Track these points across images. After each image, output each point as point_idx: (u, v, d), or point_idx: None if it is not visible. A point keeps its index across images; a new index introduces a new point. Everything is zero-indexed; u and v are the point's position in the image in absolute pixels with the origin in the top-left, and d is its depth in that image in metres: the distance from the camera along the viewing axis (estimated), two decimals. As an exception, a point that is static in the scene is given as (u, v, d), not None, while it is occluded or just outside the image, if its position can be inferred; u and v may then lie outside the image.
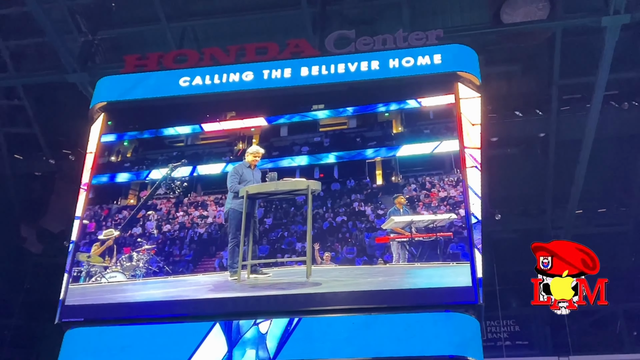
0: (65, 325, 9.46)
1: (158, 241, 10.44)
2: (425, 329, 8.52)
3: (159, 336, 9.08)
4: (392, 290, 9.07)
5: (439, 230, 9.63)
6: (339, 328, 8.80)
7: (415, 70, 10.83)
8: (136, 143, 11.74)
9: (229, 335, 8.91)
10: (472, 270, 8.77)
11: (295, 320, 8.88)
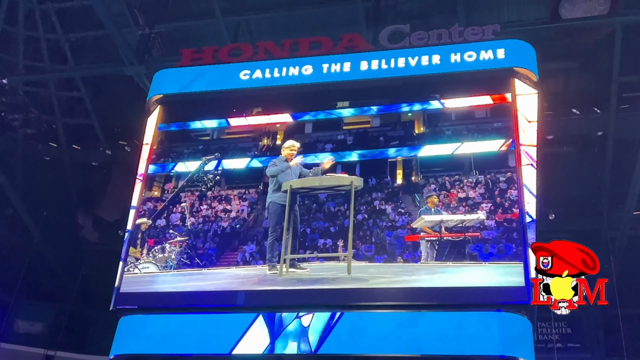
0: (119, 312, 9.70)
1: (182, 233, 10.57)
2: (475, 328, 8.42)
3: (206, 325, 9.24)
4: (442, 287, 8.99)
5: (467, 231, 9.54)
6: (382, 324, 8.78)
7: (470, 66, 10.68)
8: (162, 135, 11.83)
9: (271, 327, 9.00)
10: (526, 270, 8.63)
11: (338, 315, 8.90)
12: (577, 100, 16.90)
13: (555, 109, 16.43)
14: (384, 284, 9.18)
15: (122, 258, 10.23)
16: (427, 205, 9.98)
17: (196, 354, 9.10)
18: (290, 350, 8.79)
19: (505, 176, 9.76)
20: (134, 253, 10.30)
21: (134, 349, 9.35)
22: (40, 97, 19.23)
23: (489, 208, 9.55)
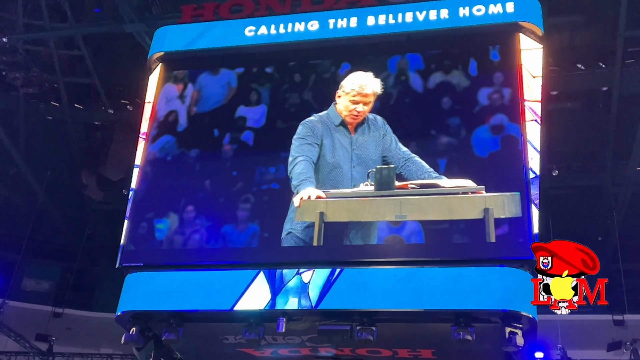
0: (125, 269, 9.79)
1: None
2: (476, 283, 8.47)
3: (209, 282, 9.33)
4: (442, 243, 9.03)
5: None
6: (382, 279, 8.83)
7: (479, 20, 10.51)
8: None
9: (272, 283, 9.09)
10: (529, 226, 8.65)
11: (337, 271, 8.96)
12: (582, 55, 16.71)
13: (560, 64, 16.26)
14: (380, 240, 9.22)
15: (127, 216, 10.29)
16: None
17: (199, 310, 9.22)
18: (291, 306, 8.89)
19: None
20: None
21: (140, 305, 9.47)
22: (40, 55, 19.09)
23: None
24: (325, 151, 9.51)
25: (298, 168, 9.22)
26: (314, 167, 9.38)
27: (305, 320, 9.17)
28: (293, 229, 9.36)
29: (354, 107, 9.49)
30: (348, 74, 10.05)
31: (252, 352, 10.36)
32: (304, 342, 9.89)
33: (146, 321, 9.56)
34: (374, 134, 9.64)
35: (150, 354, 9.74)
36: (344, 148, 9.51)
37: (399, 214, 9.13)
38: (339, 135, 9.52)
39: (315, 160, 9.37)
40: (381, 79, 10.03)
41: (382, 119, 9.89)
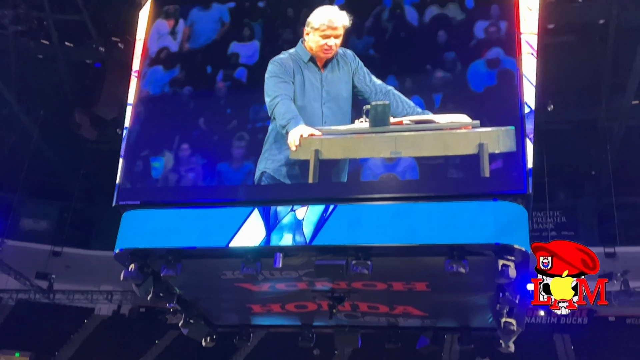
0: (122, 207, 9.85)
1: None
2: (470, 217, 8.55)
3: (204, 220, 9.39)
4: (436, 179, 9.08)
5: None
6: (376, 215, 8.88)
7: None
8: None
9: (266, 220, 9.15)
10: (523, 160, 8.68)
11: (331, 208, 9.01)
12: (580, -14, 16.46)
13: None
14: (373, 177, 9.26)
15: (122, 155, 10.28)
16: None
17: (196, 247, 9.33)
18: (286, 242, 8.99)
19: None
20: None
21: (138, 243, 9.56)
22: (28, -9, 18.71)
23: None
24: (296, 88, 9.37)
25: (281, 107, 9.11)
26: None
27: (301, 256, 9.30)
28: (267, 168, 9.36)
29: (325, 41, 9.26)
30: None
31: (250, 287, 10.54)
32: (301, 277, 10.05)
33: (144, 258, 9.68)
34: (344, 69, 9.51)
35: (149, 289, 9.90)
36: (313, 85, 9.37)
37: (394, 150, 9.13)
38: (308, 72, 9.37)
39: (292, 97, 9.29)
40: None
41: (352, 53, 9.72)
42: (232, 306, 12.12)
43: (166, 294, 10.59)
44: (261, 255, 9.17)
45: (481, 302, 10.58)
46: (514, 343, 10.74)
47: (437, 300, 10.73)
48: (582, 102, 19.57)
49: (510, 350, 10.63)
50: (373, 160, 9.27)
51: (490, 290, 9.83)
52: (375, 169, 9.31)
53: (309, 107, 9.41)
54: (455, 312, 11.56)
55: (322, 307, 11.20)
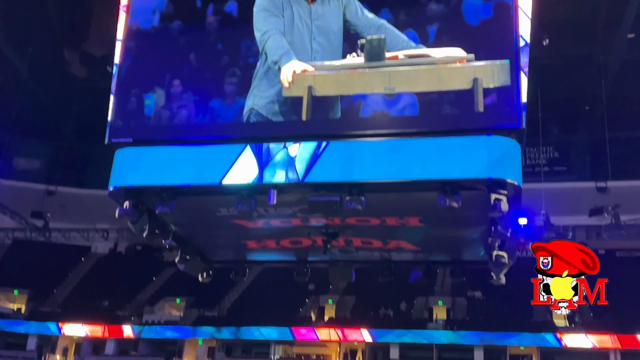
0: (114, 145, 9.80)
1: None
2: (463, 152, 8.54)
3: (197, 157, 9.38)
4: (431, 114, 9.02)
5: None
6: (369, 151, 8.90)
7: None
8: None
9: (259, 157, 9.15)
10: (517, 94, 8.62)
11: (324, 144, 9.00)
12: None
13: None
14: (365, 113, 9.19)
15: (113, 92, 10.17)
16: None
17: (189, 184, 9.34)
18: (278, 179, 9.02)
19: None
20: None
21: (131, 180, 9.56)
22: None
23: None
24: (285, 23, 9.26)
25: (272, 43, 9.03)
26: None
27: (295, 193, 9.33)
28: (255, 104, 9.31)
29: None
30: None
31: (245, 223, 10.61)
32: (295, 213, 10.11)
33: (139, 196, 9.69)
34: (335, 2, 9.36)
35: (144, 226, 9.94)
36: (303, 20, 9.26)
37: (388, 85, 9.05)
38: (297, 6, 9.23)
39: (283, 31, 9.15)
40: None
41: None
42: (227, 242, 12.23)
43: (162, 230, 10.65)
44: (255, 192, 9.20)
45: (473, 236, 10.70)
46: (505, 276, 10.92)
47: (430, 234, 10.84)
48: (578, 36, 19.34)
49: (502, 282, 10.83)
50: (373, 97, 9.19)
51: (482, 224, 9.93)
52: (375, 105, 9.24)
53: (299, 42, 9.29)
54: (448, 246, 11.70)
55: (317, 243, 11.31)
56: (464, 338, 31.09)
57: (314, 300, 36.14)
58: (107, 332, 35.07)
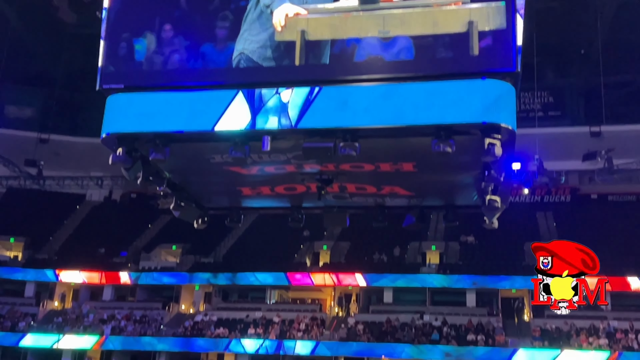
0: (106, 91, 9.71)
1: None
2: (458, 96, 8.48)
3: (190, 103, 9.29)
4: (425, 58, 8.92)
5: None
6: (362, 97, 8.81)
7: None
8: None
9: (251, 103, 9.07)
10: (513, 37, 8.52)
11: (317, 90, 8.92)
12: None
13: None
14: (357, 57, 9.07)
15: (103, 37, 10.01)
16: None
17: (181, 130, 9.29)
18: (271, 125, 8.97)
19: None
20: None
21: (123, 127, 9.49)
22: None
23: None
24: None
25: None
26: None
27: (289, 139, 9.30)
28: (245, 49, 9.16)
29: None
30: None
31: (239, 170, 10.61)
32: (289, 160, 10.11)
33: (131, 142, 9.64)
34: None
35: (138, 173, 9.93)
36: None
37: (382, 29, 8.92)
38: None
39: None
40: None
41: None
42: (222, 189, 12.25)
43: (156, 177, 10.65)
44: (248, 139, 9.16)
45: (467, 181, 10.74)
46: (498, 220, 11.02)
47: (424, 180, 10.88)
48: (574, -22, 19.01)
49: (494, 226, 10.92)
50: (368, 41, 9.07)
51: (475, 168, 9.95)
52: (370, 49, 9.13)
53: None
54: (441, 191, 11.76)
55: (311, 189, 11.34)
56: (457, 282, 31.57)
57: (308, 246, 36.53)
58: (104, 279, 35.49)
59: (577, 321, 28.74)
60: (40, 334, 31.90)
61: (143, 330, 31.56)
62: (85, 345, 31.60)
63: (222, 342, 30.16)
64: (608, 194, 38.55)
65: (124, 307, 34.73)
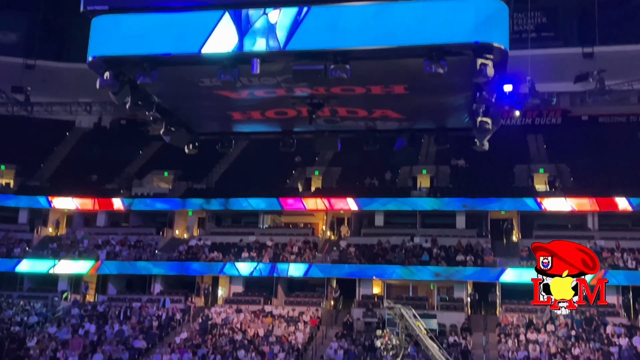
0: (90, 13, 9.48)
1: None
2: (450, 16, 8.34)
3: (175, 25, 9.11)
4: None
5: None
6: (351, 17, 8.66)
7: None
8: None
9: (238, 24, 8.91)
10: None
11: (305, 10, 8.75)
12: None
13: None
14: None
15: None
16: None
17: (168, 53, 9.15)
18: (259, 47, 8.83)
19: None
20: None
21: (109, 50, 9.32)
22: None
23: None
24: None
25: None
26: None
27: (278, 61, 9.19)
28: None
29: None
30: None
31: (229, 94, 10.52)
32: (279, 83, 10.01)
33: (118, 66, 9.51)
34: None
35: (127, 98, 9.84)
36: None
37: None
38: None
39: None
40: None
41: None
42: (212, 114, 12.18)
43: (145, 102, 10.55)
44: (236, 62, 9.04)
45: (458, 103, 10.71)
46: (488, 143, 11.05)
47: (415, 102, 10.84)
48: None
49: (484, 148, 10.97)
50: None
51: (467, 90, 9.91)
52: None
53: None
54: (433, 114, 11.74)
55: (302, 113, 11.29)
56: (447, 205, 31.93)
57: (300, 172, 36.69)
58: (97, 205, 35.66)
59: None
60: (35, 259, 32.30)
61: (138, 255, 32.01)
62: (81, 270, 32.10)
63: (216, 265, 30.69)
64: (599, 116, 38.59)
65: (118, 232, 35.08)
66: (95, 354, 24.94)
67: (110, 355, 24.89)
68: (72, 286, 32.75)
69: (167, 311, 28.93)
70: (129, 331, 27.09)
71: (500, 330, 25.50)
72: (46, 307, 30.51)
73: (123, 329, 27.17)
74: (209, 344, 25.42)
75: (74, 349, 25.38)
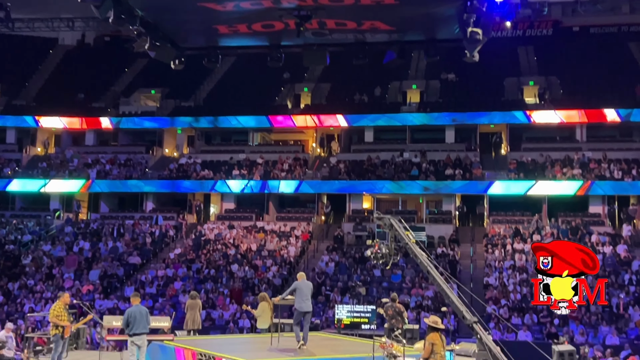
0: None
1: None
2: None
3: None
4: None
5: None
6: None
7: None
8: None
9: None
10: None
11: None
12: None
13: None
14: None
15: None
16: None
17: None
18: None
19: None
20: None
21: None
22: None
23: None
24: None
25: None
26: None
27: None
28: None
29: None
30: None
31: (214, 6, 10.31)
32: (265, -6, 9.81)
33: (99, -22, 9.26)
34: None
35: (109, 11, 9.61)
36: None
37: None
38: None
39: None
40: None
41: None
42: (197, 27, 11.97)
43: (128, 15, 10.33)
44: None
45: (449, 12, 10.56)
46: (479, 55, 10.96)
47: (405, 12, 10.67)
48: None
49: (475, 59, 10.90)
50: None
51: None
52: None
53: None
54: (423, 25, 11.58)
55: (290, 26, 11.12)
56: (436, 119, 31.90)
57: (289, 89, 36.33)
58: (85, 124, 35.40)
59: (553, 153, 29.54)
60: (26, 179, 32.33)
61: (129, 174, 32.07)
62: (72, 189, 32.21)
63: (207, 183, 30.84)
64: (590, 26, 38.08)
65: (108, 151, 34.99)
66: (91, 270, 25.42)
67: (105, 270, 25.38)
68: (65, 205, 32.95)
69: (160, 228, 29.30)
70: (123, 248, 27.53)
71: (487, 241, 26.06)
72: (39, 226, 30.80)
73: (117, 245, 27.60)
74: (203, 259, 25.91)
75: (69, 266, 25.84)
